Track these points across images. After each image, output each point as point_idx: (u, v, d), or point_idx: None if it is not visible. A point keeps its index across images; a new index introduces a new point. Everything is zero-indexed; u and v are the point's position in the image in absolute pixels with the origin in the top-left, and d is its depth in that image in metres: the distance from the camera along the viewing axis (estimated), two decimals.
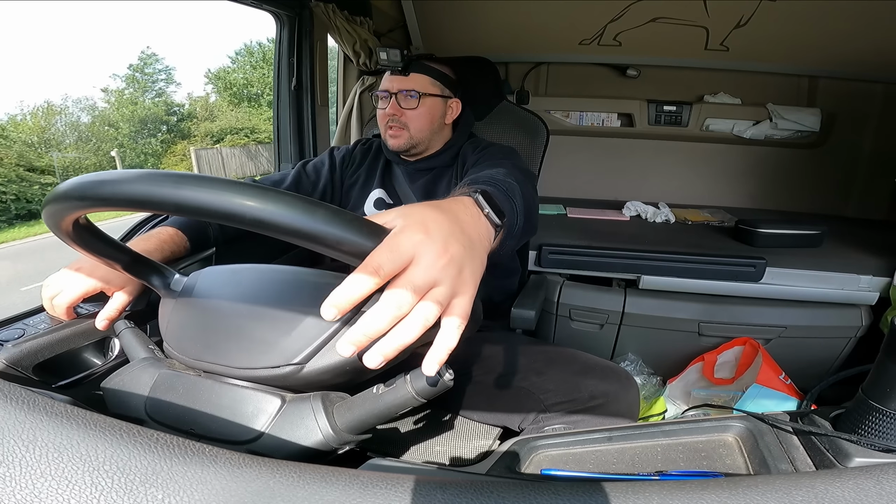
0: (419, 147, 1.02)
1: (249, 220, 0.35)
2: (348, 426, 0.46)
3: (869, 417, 0.44)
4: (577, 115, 2.10)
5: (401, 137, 1.00)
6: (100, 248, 0.50)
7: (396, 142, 1.00)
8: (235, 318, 0.50)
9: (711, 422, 0.53)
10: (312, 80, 1.47)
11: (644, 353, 1.56)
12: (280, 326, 0.47)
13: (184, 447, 0.31)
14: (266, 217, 0.34)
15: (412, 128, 1.00)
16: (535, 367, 0.86)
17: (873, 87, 1.89)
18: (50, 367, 0.65)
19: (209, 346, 0.50)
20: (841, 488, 0.28)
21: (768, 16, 1.60)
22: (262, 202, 0.34)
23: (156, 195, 0.36)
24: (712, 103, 2.00)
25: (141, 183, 0.36)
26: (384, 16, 1.73)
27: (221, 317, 0.51)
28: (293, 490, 0.29)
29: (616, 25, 1.75)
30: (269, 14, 1.39)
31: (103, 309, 0.62)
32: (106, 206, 0.38)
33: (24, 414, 0.30)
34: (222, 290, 0.53)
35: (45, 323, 0.68)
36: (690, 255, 1.44)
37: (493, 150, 0.97)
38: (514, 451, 0.52)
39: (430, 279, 0.36)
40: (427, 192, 1.03)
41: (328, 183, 1.06)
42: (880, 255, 1.45)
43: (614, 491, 0.29)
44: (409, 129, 1.00)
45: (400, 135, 0.99)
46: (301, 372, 0.47)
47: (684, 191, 2.10)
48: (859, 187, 2.01)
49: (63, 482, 0.28)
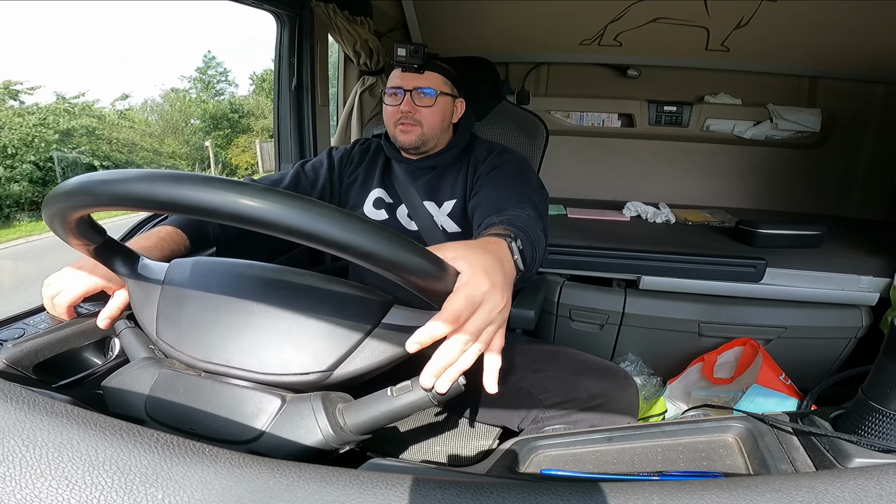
0: (428, 144, 1.02)
1: (329, 243, 0.36)
2: (359, 427, 0.46)
3: (869, 418, 0.44)
4: (578, 116, 2.10)
5: (413, 133, 0.99)
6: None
7: (408, 137, 0.99)
8: (252, 319, 0.49)
9: (711, 422, 0.53)
10: (313, 80, 1.47)
11: (644, 354, 1.56)
12: (307, 333, 0.49)
13: (184, 447, 0.31)
14: (349, 242, 0.36)
15: (426, 125, 0.99)
16: (534, 366, 0.86)
17: (874, 88, 1.89)
18: (50, 366, 0.65)
19: (224, 349, 0.49)
20: (841, 489, 0.28)
21: (769, 16, 1.60)
22: (348, 230, 0.36)
23: (279, 217, 0.35)
24: (713, 104, 2.00)
25: (269, 203, 0.35)
26: (385, 16, 1.73)
27: (235, 318, 0.50)
28: (293, 490, 0.29)
29: (617, 26, 1.75)
30: (269, 14, 1.39)
31: (104, 308, 0.62)
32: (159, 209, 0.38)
33: (24, 413, 0.30)
34: (226, 287, 0.52)
35: (45, 322, 0.68)
36: (691, 256, 1.44)
37: (510, 165, 0.97)
38: (514, 451, 0.52)
39: (488, 322, 0.44)
40: (428, 192, 1.03)
41: (327, 183, 1.06)
42: (881, 255, 1.45)
43: (614, 491, 0.29)
44: (423, 126, 0.99)
45: (412, 130, 0.99)
46: (328, 379, 0.48)
47: (685, 191, 2.10)
48: (860, 188, 2.01)
49: (63, 482, 0.28)
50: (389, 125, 1.02)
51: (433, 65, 1.00)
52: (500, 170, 0.95)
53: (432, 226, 1.02)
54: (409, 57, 0.98)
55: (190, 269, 0.54)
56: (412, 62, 0.98)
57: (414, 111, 0.98)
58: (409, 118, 0.98)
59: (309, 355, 0.48)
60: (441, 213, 1.02)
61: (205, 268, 0.54)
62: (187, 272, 0.54)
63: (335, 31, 1.45)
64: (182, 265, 0.55)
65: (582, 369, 0.84)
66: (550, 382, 0.82)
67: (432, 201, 1.03)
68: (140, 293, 0.55)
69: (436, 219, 1.02)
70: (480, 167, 0.99)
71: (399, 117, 0.99)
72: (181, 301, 0.52)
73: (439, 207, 1.02)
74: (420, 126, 0.99)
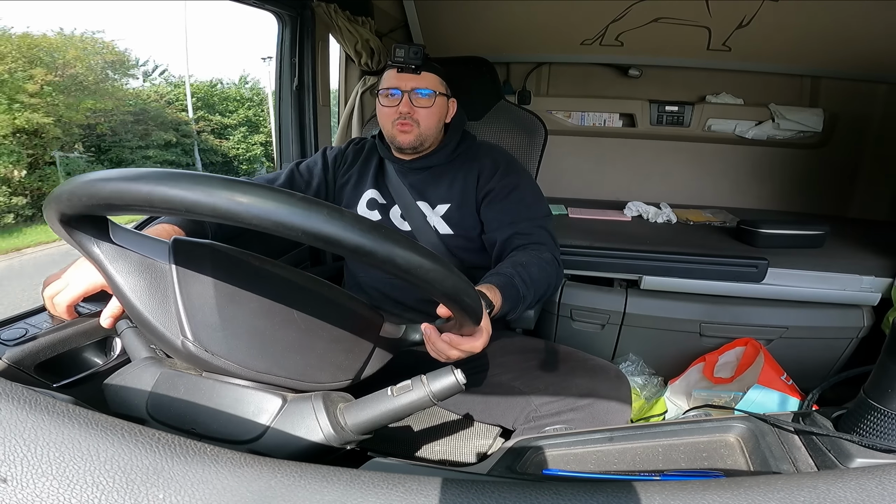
0: (425, 144, 1.02)
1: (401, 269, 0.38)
2: (360, 426, 0.46)
3: (870, 418, 0.44)
4: (579, 116, 2.09)
5: (411, 133, 1.00)
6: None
7: (407, 137, 1.00)
8: (298, 335, 0.51)
9: (713, 422, 0.53)
10: (314, 80, 1.47)
11: (645, 354, 1.56)
12: (342, 345, 0.54)
13: (185, 447, 0.31)
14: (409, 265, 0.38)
15: (423, 125, 1.00)
16: (527, 365, 0.87)
17: (876, 88, 1.89)
18: (52, 366, 0.65)
19: (269, 357, 0.48)
20: (843, 489, 0.28)
21: (771, 16, 1.60)
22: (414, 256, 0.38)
23: (330, 232, 0.34)
24: (714, 103, 2.00)
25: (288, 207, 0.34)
26: (386, 16, 1.73)
27: (280, 326, 0.50)
28: (294, 490, 0.29)
29: (618, 25, 1.75)
30: (271, 14, 1.39)
31: (106, 307, 0.62)
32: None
33: (25, 413, 0.30)
34: (262, 289, 0.50)
35: (46, 322, 0.68)
36: (692, 256, 1.44)
37: (521, 193, 1.00)
38: (515, 451, 0.52)
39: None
40: (421, 192, 1.04)
41: (321, 182, 1.07)
42: (882, 255, 1.44)
43: (615, 491, 0.29)
44: (420, 126, 1.00)
45: (410, 130, 0.99)
46: (353, 383, 0.52)
47: (686, 191, 2.09)
48: (861, 188, 2.00)
49: (64, 482, 0.28)
50: (386, 125, 1.02)
51: (429, 65, 1.00)
52: (516, 192, 1.00)
53: (424, 226, 1.02)
54: (409, 57, 0.98)
55: (210, 257, 0.49)
56: (411, 63, 0.98)
57: (412, 112, 0.99)
58: (407, 118, 0.99)
59: (343, 365, 0.53)
60: (434, 214, 1.03)
61: (229, 260, 0.51)
62: (207, 261, 0.49)
63: (336, 31, 1.45)
64: (195, 248, 0.49)
65: (574, 368, 0.85)
66: (541, 382, 0.83)
67: (425, 201, 1.03)
68: (127, 269, 0.46)
69: (428, 219, 1.02)
70: (490, 183, 1.01)
71: (397, 118, 0.99)
72: (217, 299, 0.47)
73: (432, 209, 1.03)
74: (417, 126, 0.99)
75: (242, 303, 0.48)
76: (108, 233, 0.46)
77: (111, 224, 0.47)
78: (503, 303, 0.74)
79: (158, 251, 0.48)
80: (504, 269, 0.82)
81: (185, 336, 0.45)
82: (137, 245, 0.48)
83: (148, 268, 0.47)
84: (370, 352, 0.55)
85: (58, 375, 0.65)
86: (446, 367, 0.49)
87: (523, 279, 0.80)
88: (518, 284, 0.78)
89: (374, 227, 0.36)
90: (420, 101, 0.99)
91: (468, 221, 1.02)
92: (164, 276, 0.47)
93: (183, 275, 0.47)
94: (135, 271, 0.46)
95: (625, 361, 1.55)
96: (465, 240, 1.02)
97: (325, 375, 0.51)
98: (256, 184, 0.34)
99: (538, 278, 0.83)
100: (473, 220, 1.02)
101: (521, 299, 0.78)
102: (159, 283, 0.47)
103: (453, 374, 0.48)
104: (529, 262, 0.84)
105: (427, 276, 0.39)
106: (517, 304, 0.78)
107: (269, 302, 0.50)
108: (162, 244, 0.49)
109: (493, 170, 1.02)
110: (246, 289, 0.49)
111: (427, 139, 1.02)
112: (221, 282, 0.48)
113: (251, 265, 0.53)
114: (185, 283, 0.47)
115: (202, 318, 0.46)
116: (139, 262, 0.47)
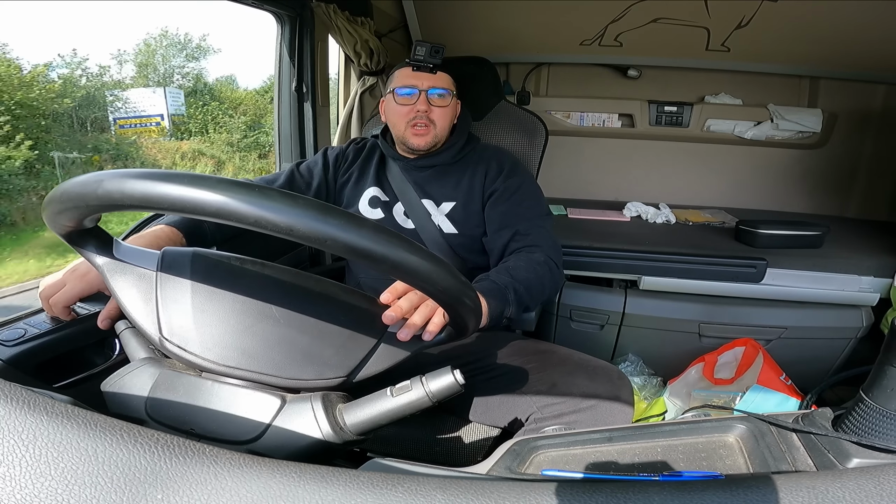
0: (438, 145, 1.02)
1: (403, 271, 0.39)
2: (359, 426, 0.46)
3: (869, 418, 0.44)
4: (578, 116, 2.10)
5: (428, 135, 0.99)
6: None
7: (423, 140, 0.99)
8: (274, 324, 0.50)
9: (712, 422, 0.53)
10: (313, 81, 1.47)
11: (644, 354, 1.56)
12: (329, 341, 0.51)
13: (184, 447, 0.31)
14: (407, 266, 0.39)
15: (438, 125, 1.00)
16: (529, 366, 0.86)
17: (875, 88, 1.89)
18: (50, 366, 0.65)
19: (244, 352, 0.48)
20: (841, 489, 0.28)
21: (770, 16, 1.60)
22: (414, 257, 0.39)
23: (325, 232, 0.36)
24: (713, 104, 2.00)
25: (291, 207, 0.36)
26: (385, 16, 1.73)
27: (256, 321, 0.49)
28: (293, 490, 0.29)
29: (617, 26, 1.75)
30: (270, 14, 1.39)
31: (104, 308, 0.62)
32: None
33: (24, 414, 0.30)
34: (241, 287, 0.51)
35: (45, 323, 0.68)
36: (691, 256, 1.44)
37: (523, 195, 1.00)
38: (515, 451, 0.52)
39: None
40: (426, 190, 1.03)
41: (322, 182, 1.07)
42: (881, 256, 1.45)
43: (615, 491, 0.29)
44: (436, 126, 1.00)
45: (427, 132, 0.99)
46: (348, 383, 0.50)
47: (685, 191, 2.10)
48: (860, 188, 2.00)
49: (63, 482, 0.28)
50: (399, 125, 1.01)
51: (444, 65, 1.01)
52: (517, 195, 1.00)
53: (428, 224, 1.02)
54: (429, 56, 0.97)
55: (190, 262, 0.51)
56: (431, 62, 0.98)
57: (429, 111, 0.98)
58: (424, 118, 0.98)
59: (335, 362, 0.50)
60: (439, 212, 1.02)
61: (208, 262, 0.52)
62: (187, 266, 0.51)
63: (336, 31, 1.45)
64: (179, 256, 0.52)
65: (575, 370, 0.84)
66: (543, 383, 0.82)
67: (429, 199, 1.03)
68: (124, 280, 0.50)
69: (433, 217, 1.02)
70: (496, 183, 1.01)
71: (413, 117, 0.98)
72: (192, 298, 0.50)
73: (437, 207, 1.03)
74: (434, 127, 0.99)
75: (218, 301, 0.50)
76: (111, 248, 0.51)
77: (115, 242, 0.51)
78: (489, 303, 0.71)
79: (150, 261, 0.52)
80: (489, 274, 0.82)
81: (162, 335, 0.48)
82: (135, 258, 0.52)
83: (140, 277, 0.51)
84: (371, 348, 0.53)
85: (57, 376, 0.65)
86: (445, 368, 0.49)
87: (512, 278, 0.79)
88: (498, 281, 0.78)
89: (375, 227, 0.37)
90: (437, 100, 0.99)
91: (473, 220, 1.01)
92: (150, 283, 0.51)
93: (163, 279, 0.50)
94: (131, 283, 0.50)
95: (624, 362, 1.55)
96: (469, 239, 1.02)
97: (308, 372, 0.49)
98: (232, 181, 0.36)
99: (526, 277, 0.82)
100: (478, 218, 1.02)
101: (503, 290, 0.77)
102: (148, 289, 0.50)
103: (452, 374, 0.48)
104: (517, 266, 0.84)
105: (428, 276, 0.39)
106: (503, 301, 0.76)
107: (245, 299, 0.50)
108: (155, 255, 0.53)
109: (498, 171, 1.02)
110: (223, 288, 0.50)
111: (440, 139, 1.02)
112: (199, 283, 0.50)
113: (231, 266, 0.53)
114: (165, 286, 0.50)
115: (177, 317, 0.49)
116: (134, 273, 0.51)
